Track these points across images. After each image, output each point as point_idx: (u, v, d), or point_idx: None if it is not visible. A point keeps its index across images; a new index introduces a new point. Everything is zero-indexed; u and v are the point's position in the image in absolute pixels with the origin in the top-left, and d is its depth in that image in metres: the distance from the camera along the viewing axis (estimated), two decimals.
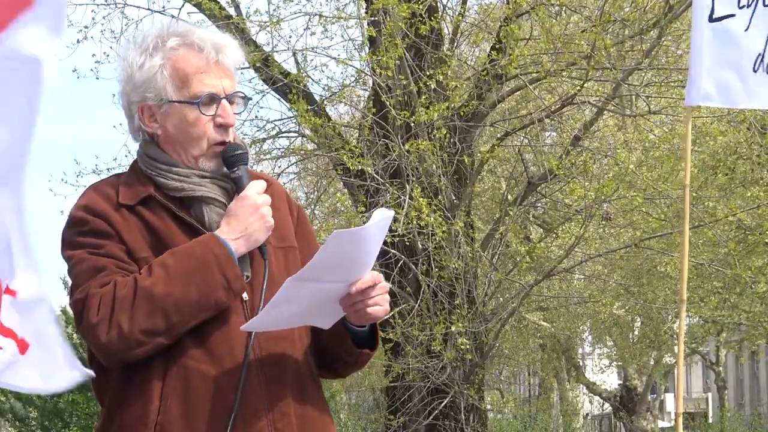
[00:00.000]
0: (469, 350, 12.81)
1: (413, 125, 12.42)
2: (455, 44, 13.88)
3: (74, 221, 3.15)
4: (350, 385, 20.56)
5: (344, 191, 14.46)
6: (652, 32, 12.83)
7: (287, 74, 12.80)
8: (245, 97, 3.26)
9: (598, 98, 13.55)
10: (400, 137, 12.44)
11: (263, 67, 12.63)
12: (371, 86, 13.28)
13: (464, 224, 13.05)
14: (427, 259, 12.59)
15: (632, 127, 15.25)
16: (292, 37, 15.29)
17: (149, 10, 13.35)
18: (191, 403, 3.05)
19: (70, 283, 3.15)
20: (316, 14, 12.97)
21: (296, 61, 13.09)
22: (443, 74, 12.38)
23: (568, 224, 16.37)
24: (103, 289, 3.03)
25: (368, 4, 12.47)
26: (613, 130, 16.53)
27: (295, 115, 13.01)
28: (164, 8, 13.37)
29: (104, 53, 13.51)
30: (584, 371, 32.77)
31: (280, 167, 14.44)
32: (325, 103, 13.69)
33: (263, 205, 3.14)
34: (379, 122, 12.59)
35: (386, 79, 12.12)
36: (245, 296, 3.13)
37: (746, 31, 6.39)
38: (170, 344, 3.05)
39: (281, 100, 13.36)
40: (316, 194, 16.01)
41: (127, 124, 3.29)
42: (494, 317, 13.64)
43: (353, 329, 3.22)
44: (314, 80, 13.42)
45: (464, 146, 13.00)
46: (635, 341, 28.14)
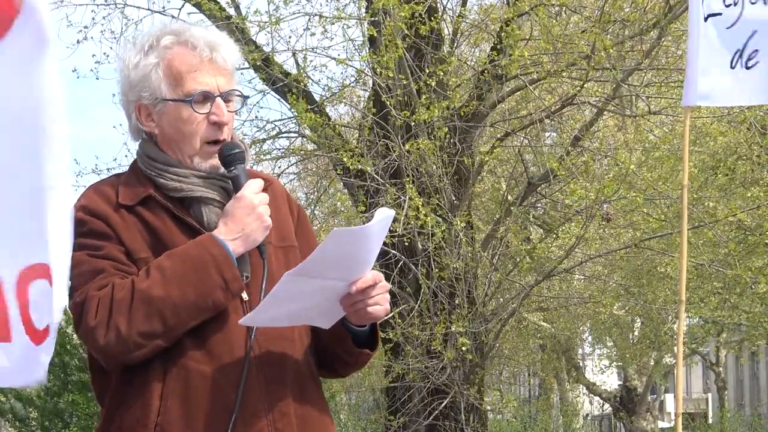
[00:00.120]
0: (469, 350, 12.80)
1: (413, 125, 12.41)
2: (455, 44, 13.87)
3: (73, 222, 3.14)
4: (350, 385, 20.54)
5: (344, 191, 14.45)
6: (652, 32, 12.82)
7: (287, 74, 12.79)
8: (242, 95, 3.24)
9: (598, 99, 13.54)
10: (400, 137, 12.43)
11: (263, 66, 12.62)
12: (371, 86, 13.27)
13: (464, 224, 13.04)
14: (427, 259, 12.58)
15: (632, 127, 15.24)
16: (291, 37, 15.27)
17: (149, 10, 13.35)
18: (191, 403, 3.04)
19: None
20: (316, 14, 12.97)
21: (296, 61, 13.09)
22: (443, 71, 12.37)
23: (568, 225, 16.36)
24: (101, 291, 3.02)
25: (368, 4, 12.47)
26: (613, 130, 16.51)
27: (295, 115, 13.00)
28: (164, 8, 13.38)
29: (104, 53, 13.50)
30: (584, 372, 32.76)
31: (280, 167, 14.45)
32: (325, 103, 13.68)
33: (260, 204, 3.12)
34: (379, 122, 12.59)
35: (386, 79, 12.11)
36: (245, 296, 3.13)
37: (729, 29, 6.39)
38: (169, 346, 3.04)
39: (281, 100, 13.35)
40: (316, 194, 16.00)
41: (127, 123, 3.30)
42: (494, 318, 13.62)
43: (353, 329, 3.22)
44: (314, 81, 13.43)
45: (464, 146, 12.99)
46: (635, 342, 28.14)
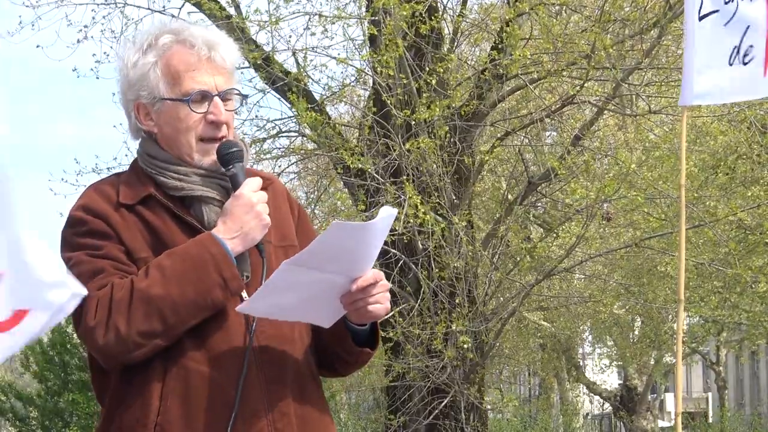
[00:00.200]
0: (469, 349, 12.80)
1: (413, 124, 12.41)
2: (455, 44, 13.86)
3: (73, 221, 3.14)
4: (350, 384, 20.53)
5: (344, 190, 14.45)
6: (652, 32, 12.82)
7: (287, 73, 12.78)
8: (240, 94, 3.24)
9: (598, 98, 13.54)
10: (400, 136, 12.43)
11: (264, 65, 12.61)
12: (371, 85, 13.26)
13: (465, 224, 13.04)
14: (427, 258, 12.58)
15: (632, 126, 15.24)
16: (292, 36, 15.24)
17: (149, 9, 13.35)
18: (191, 403, 3.04)
19: None
20: (316, 14, 12.96)
21: (296, 60, 13.08)
22: (443, 69, 12.36)
23: (568, 224, 16.36)
24: (100, 292, 3.02)
25: (369, 3, 12.46)
26: (613, 129, 16.52)
27: (295, 114, 12.99)
28: (164, 8, 13.37)
29: (104, 53, 13.48)
30: (584, 371, 32.77)
31: (280, 167, 14.42)
32: (325, 102, 13.67)
33: (258, 203, 3.11)
34: (379, 121, 12.58)
35: (387, 78, 12.10)
36: (245, 296, 3.12)
37: (725, 25, 6.40)
38: (169, 345, 3.04)
39: (281, 99, 13.35)
40: (316, 194, 16.01)
41: (127, 123, 3.29)
42: (494, 317, 13.62)
43: (354, 328, 3.21)
44: (314, 80, 13.42)
45: (464, 146, 12.99)
46: (635, 341, 28.15)
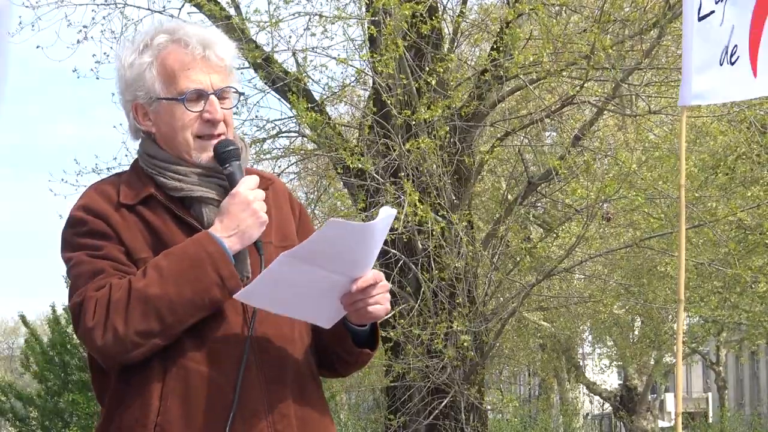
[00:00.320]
0: (470, 348, 12.80)
1: (413, 124, 12.41)
2: (455, 44, 13.86)
3: (74, 222, 3.14)
4: (350, 385, 20.52)
5: (344, 191, 14.44)
6: (651, 32, 12.81)
7: (287, 73, 12.78)
8: (238, 92, 3.24)
9: (598, 98, 13.53)
10: (400, 137, 12.43)
11: (264, 65, 12.61)
12: (371, 86, 13.26)
13: (465, 224, 13.04)
14: (427, 258, 12.58)
15: (632, 127, 15.24)
16: (291, 37, 15.25)
17: (149, 10, 13.34)
18: (191, 403, 3.04)
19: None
20: (316, 14, 12.96)
21: (296, 61, 13.08)
22: (443, 69, 12.36)
23: (568, 224, 16.36)
24: (99, 292, 3.02)
25: (369, 3, 12.45)
26: (613, 130, 16.52)
27: (295, 114, 12.99)
28: (164, 8, 13.36)
29: (104, 53, 13.47)
30: (584, 371, 32.77)
31: (280, 167, 14.42)
32: (325, 102, 13.67)
33: (255, 200, 3.11)
34: (379, 121, 12.58)
35: (386, 78, 12.10)
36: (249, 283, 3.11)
37: (720, 26, 6.40)
38: (168, 345, 3.04)
39: (281, 100, 13.34)
40: (316, 194, 16.01)
41: (127, 124, 3.30)
42: (494, 317, 13.62)
43: (353, 328, 3.21)
44: (314, 80, 13.42)
45: (464, 146, 12.99)
46: (635, 341, 28.15)
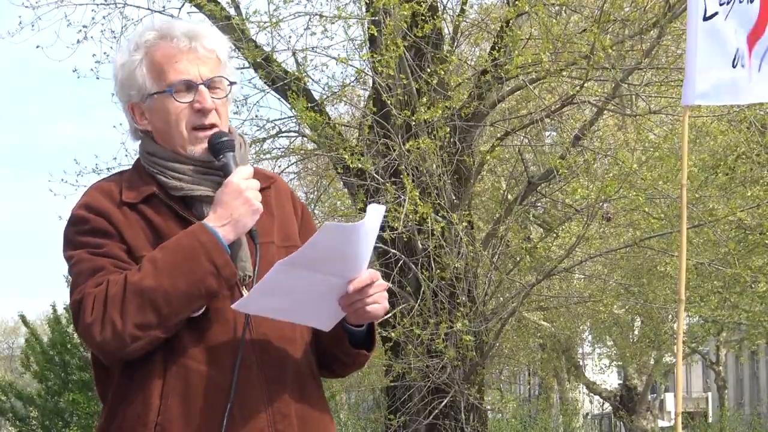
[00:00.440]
0: (470, 348, 12.80)
1: (413, 125, 12.41)
2: (455, 44, 13.86)
3: (76, 220, 3.15)
4: (350, 384, 20.53)
5: (344, 191, 14.44)
6: (651, 32, 12.82)
7: (287, 73, 12.78)
8: (229, 81, 3.23)
9: (598, 98, 13.53)
10: (400, 137, 12.43)
11: (264, 64, 12.61)
12: (371, 85, 13.26)
13: (465, 224, 13.04)
14: (427, 258, 12.58)
15: (632, 127, 15.24)
16: (291, 37, 15.26)
17: (149, 9, 13.34)
18: (191, 402, 3.04)
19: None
20: (316, 14, 12.96)
21: (296, 60, 13.08)
22: (444, 71, 12.36)
23: (568, 224, 16.36)
24: (96, 289, 3.03)
25: (369, 3, 12.45)
26: (613, 130, 16.52)
27: (295, 114, 12.99)
28: (164, 8, 13.37)
29: (104, 53, 13.47)
30: (584, 371, 32.78)
31: (280, 167, 14.42)
32: (324, 102, 13.67)
33: (247, 189, 3.10)
34: (379, 121, 12.59)
35: (387, 78, 12.10)
36: (245, 293, 3.12)
37: (725, 27, 6.40)
38: (169, 339, 3.04)
39: (281, 99, 13.35)
40: (316, 194, 16.01)
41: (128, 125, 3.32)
42: (494, 317, 13.62)
43: (350, 329, 3.22)
44: (314, 80, 13.41)
45: (464, 146, 12.99)
46: (635, 341, 28.16)
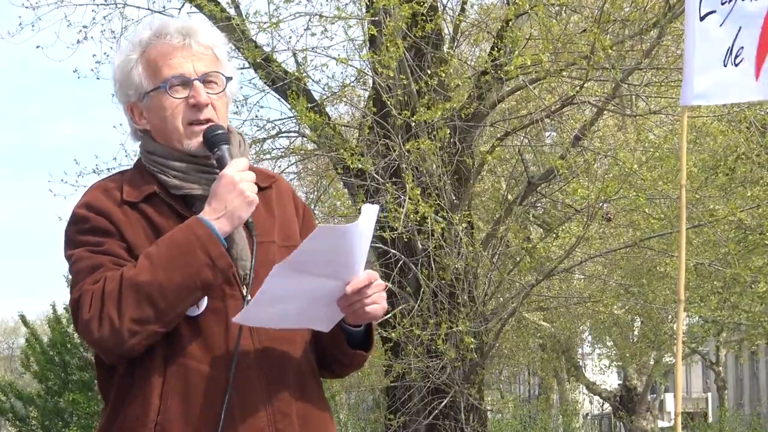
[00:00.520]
0: (471, 349, 12.80)
1: (413, 125, 12.41)
2: (455, 44, 13.86)
3: (76, 219, 3.16)
4: (350, 385, 20.54)
5: (344, 191, 14.44)
6: (651, 32, 12.82)
7: (287, 73, 12.78)
8: (224, 75, 3.23)
9: (598, 98, 13.54)
10: (400, 137, 12.43)
11: (264, 64, 12.61)
12: (371, 86, 13.26)
13: (465, 224, 13.04)
14: (427, 258, 12.58)
15: (632, 127, 15.24)
16: (291, 37, 15.24)
17: (149, 10, 13.35)
18: (191, 402, 3.04)
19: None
20: (316, 14, 12.96)
21: (296, 61, 13.08)
22: (444, 72, 12.36)
23: (568, 224, 16.36)
24: (94, 286, 3.04)
25: (369, 3, 12.45)
26: (613, 130, 16.52)
27: (295, 114, 12.99)
28: (164, 8, 13.38)
29: (104, 53, 13.49)
30: (584, 371, 32.77)
31: (280, 167, 14.42)
32: (324, 102, 13.67)
33: (242, 181, 3.10)
34: (379, 122, 12.59)
35: (387, 78, 12.10)
36: (246, 294, 3.13)
37: (720, 26, 6.41)
38: (169, 339, 3.05)
39: (281, 100, 13.35)
40: (316, 194, 16.02)
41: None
42: (494, 317, 13.62)
43: (348, 329, 3.22)
44: (314, 81, 13.41)
45: (464, 146, 12.99)
46: (635, 341, 28.16)
